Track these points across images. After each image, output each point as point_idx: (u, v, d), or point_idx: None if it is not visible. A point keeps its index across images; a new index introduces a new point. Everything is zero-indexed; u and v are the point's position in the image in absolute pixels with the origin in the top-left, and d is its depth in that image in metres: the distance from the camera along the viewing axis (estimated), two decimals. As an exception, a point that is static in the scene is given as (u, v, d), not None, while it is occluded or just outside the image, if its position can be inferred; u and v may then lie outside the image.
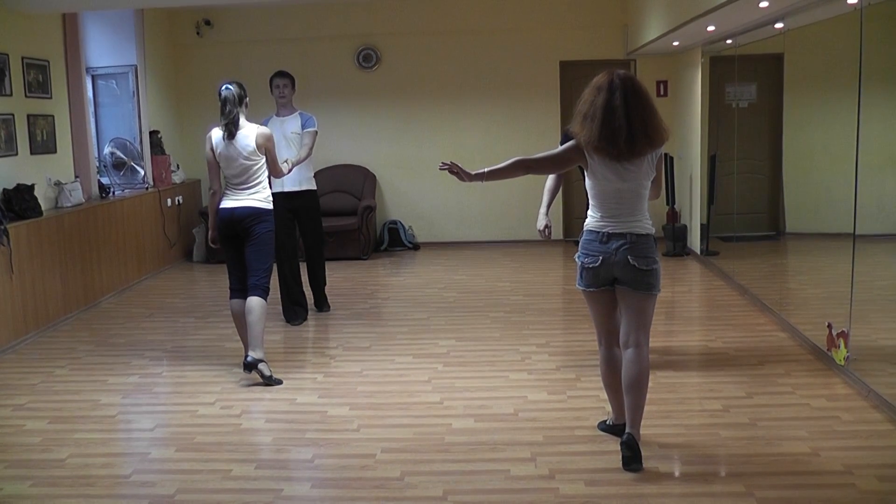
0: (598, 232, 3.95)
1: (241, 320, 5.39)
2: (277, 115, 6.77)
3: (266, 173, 5.52)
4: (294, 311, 6.84)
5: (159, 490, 3.87)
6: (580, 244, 4.05)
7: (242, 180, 5.38)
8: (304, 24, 10.11)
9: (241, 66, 9.95)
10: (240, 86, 5.39)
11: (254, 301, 5.29)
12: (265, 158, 5.45)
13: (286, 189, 6.62)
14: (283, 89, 6.72)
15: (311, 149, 6.67)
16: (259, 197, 5.42)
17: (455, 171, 3.97)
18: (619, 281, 3.94)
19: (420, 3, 10.00)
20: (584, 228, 4.04)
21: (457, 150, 10.23)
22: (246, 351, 5.31)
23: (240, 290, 5.43)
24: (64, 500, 3.82)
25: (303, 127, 6.71)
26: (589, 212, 4.05)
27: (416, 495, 3.76)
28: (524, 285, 8.10)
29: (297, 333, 6.59)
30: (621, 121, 3.76)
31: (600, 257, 3.92)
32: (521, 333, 6.30)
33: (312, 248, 7.01)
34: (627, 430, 3.95)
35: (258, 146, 5.37)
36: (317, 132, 6.77)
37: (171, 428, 4.74)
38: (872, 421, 4.42)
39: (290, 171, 6.12)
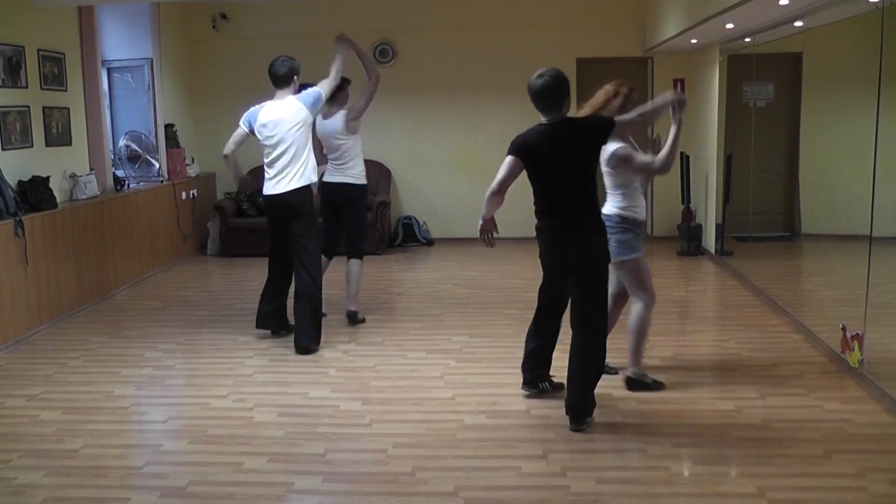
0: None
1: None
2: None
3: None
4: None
5: (171, 482, 3.89)
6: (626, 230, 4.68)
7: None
8: (321, 18, 10.10)
9: (256, 60, 9.91)
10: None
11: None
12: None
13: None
14: None
15: None
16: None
17: None
18: None
19: (437, -2, 10.00)
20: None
21: (472, 147, 10.24)
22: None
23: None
24: (77, 490, 3.84)
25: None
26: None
27: (427, 491, 3.76)
28: (537, 282, 8.05)
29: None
30: None
31: None
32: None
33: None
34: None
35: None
36: None
37: (183, 420, 4.76)
38: (886, 424, 4.39)
39: None
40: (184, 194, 9.47)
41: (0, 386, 5.31)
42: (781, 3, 5.67)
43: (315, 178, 5.94)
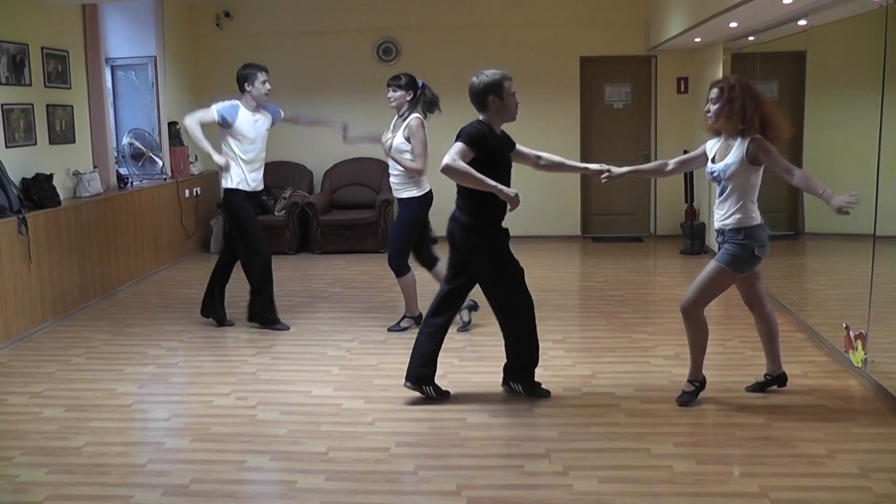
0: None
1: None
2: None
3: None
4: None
5: (174, 480, 3.89)
6: (759, 238, 4.59)
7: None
8: (325, 16, 10.11)
9: (260, 58, 9.89)
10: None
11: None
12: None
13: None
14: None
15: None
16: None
17: None
18: None
19: (440, -4, 9.99)
20: (756, 224, 4.63)
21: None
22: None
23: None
24: (79, 487, 3.85)
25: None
26: (753, 207, 4.64)
27: (429, 489, 3.76)
28: (541, 281, 8.07)
29: (312, 326, 6.60)
30: None
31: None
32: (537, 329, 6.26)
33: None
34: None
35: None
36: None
37: (186, 418, 4.77)
38: (889, 424, 4.38)
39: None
40: (187, 192, 9.48)
41: (3, 383, 5.32)
42: (785, 1, 5.65)
43: (232, 185, 6.52)
